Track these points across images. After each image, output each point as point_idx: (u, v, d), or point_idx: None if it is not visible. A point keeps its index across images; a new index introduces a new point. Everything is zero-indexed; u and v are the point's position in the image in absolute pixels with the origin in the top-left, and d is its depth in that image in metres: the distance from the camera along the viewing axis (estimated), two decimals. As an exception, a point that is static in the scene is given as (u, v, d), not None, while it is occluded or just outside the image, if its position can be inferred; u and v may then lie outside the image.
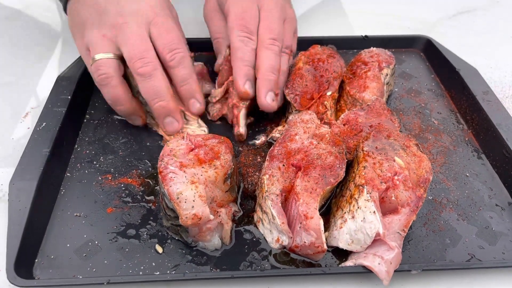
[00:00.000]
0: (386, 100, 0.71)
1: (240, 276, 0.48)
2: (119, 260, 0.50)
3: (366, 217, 0.48)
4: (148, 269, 0.49)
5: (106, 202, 0.56)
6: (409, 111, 0.73)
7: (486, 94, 0.70)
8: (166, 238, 0.52)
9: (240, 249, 0.52)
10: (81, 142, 0.64)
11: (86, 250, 0.51)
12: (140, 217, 0.55)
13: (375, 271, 0.46)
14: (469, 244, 0.53)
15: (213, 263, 0.50)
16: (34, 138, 0.59)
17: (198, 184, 0.48)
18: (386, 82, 0.69)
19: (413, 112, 0.72)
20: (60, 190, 0.57)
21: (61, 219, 0.54)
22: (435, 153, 0.65)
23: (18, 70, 0.81)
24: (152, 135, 0.66)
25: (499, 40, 0.93)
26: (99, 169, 0.60)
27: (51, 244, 0.51)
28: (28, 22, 0.95)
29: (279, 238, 0.50)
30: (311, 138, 0.57)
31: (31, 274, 0.48)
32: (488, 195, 0.59)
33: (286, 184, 0.52)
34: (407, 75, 0.81)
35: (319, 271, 0.48)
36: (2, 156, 0.64)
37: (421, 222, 0.56)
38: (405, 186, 0.50)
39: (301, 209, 0.48)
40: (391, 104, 0.74)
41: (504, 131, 0.63)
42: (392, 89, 0.76)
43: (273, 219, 0.49)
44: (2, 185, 0.60)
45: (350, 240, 0.49)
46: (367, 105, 0.64)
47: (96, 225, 0.53)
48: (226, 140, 0.55)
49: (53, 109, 0.64)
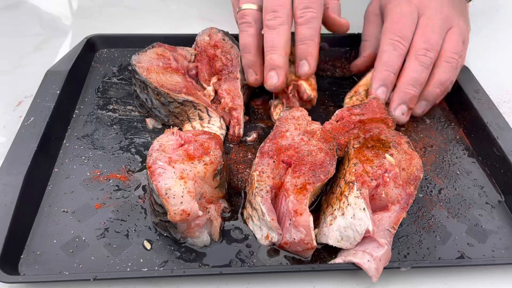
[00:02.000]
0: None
1: (229, 273, 0.48)
2: (107, 256, 0.49)
3: (356, 214, 0.47)
4: (136, 266, 0.49)
5: (94, 198, 0.56)
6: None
7: (477, 93, 0.70)
8: (155, 235, 0.52)
9: (229, 245, 0.51)
10: (70, 137, 0.64)
11: (73, 246, 0.50)
12: (128, 213, 0.54)
13: (365, 268, 0.46)
14: (459, 242, 0.53)
15: (202, 260, 0.50)
16: (21, 132, 0.59)
17: (187, 180, 0.48)
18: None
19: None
20: (47, 186, 0.57)
21: (48, 215, 0.53)
22: (426, 151, 0.65)
23: (14, 59, 0.81)
24: (141, 130, 0.66)
25: (498, 45, 0.93)
26: (88, 164, 0.60)
27: (37, 240, 0.51)
28: (30, 12, 0.95)
29: (268, 235, 0.50)
30: (302, 135, 0.56)
31: (17, 270, 0.48)
32: (478, 193, 0.59)
33: (276, 180, 0.52)
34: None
35: (309, 268, 0.48)
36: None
37: (411, 219, 0.55)
38: (396, 184, 0.50)
39: (290, 205, 0.48)
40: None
41: (495, 129, 0.63)
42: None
43: (262, 216, 0.49)
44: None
45: (339, 237, 0.49)
46: (363, 103, 0.64)
47: (84, 221, 0.53)
48: (216, 136, 0.54)
49: (42, 104, 0.63)
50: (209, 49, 0.69)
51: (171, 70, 0.65)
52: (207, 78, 0.69)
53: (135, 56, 0.65)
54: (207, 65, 0.68)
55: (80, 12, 0.98)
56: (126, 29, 0.85)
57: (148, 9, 0.97)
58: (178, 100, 0.62)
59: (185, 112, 0.64)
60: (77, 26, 0.92)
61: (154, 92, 0.62)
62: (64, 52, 0.73)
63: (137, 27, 0.88)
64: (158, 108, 0.64)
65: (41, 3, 0.99)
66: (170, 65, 0.66)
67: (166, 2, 1.00)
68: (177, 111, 0.63)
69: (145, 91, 0.64)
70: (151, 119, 0.67)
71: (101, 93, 0.72)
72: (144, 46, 0.68)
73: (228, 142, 0.65)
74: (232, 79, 0.67)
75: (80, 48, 0.74)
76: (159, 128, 0.66)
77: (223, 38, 0.69)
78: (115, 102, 0.70)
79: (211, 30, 0.70)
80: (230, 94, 0.66)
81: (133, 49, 0.81)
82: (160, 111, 0.64)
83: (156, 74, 0.64)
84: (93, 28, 0.82)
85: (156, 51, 0.67)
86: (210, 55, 0.69)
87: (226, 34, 0.69)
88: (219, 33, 0.69)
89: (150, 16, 0.95)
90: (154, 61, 0.66)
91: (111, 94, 0.72)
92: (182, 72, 0.67)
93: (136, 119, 0.68)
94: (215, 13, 0.94)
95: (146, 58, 0.66)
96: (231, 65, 0.67)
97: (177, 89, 0.63)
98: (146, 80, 0.62)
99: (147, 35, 0.80)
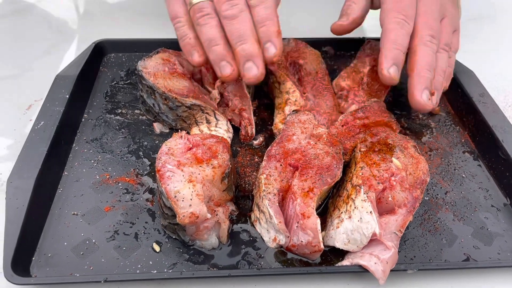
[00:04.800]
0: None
1: (237, 275, 0.48)
2: (116, 258, 0.50)
3: (363, 217, 0.48)
4: (145, 268, 0.49)
5: (104, 201, 0.56)
6: (406, 114, 0.73)
7: (482, 96, 0.70)
8: (163, 237, 0.53)
9: (237, 248, 0.52)
10: (79, 141, 0.64)
11: (83, 249, 0.51)
12: (137, 216, 0.55)
13: (371, 270, 0.47)
14: (465, 244, 0.54)
15: (210, 262, 0.50)
16: (32, 136, 0.59)
17: (195, 183, 0.48)
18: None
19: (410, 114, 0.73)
20: (57, 189, 0.57)
21: (59, 218, 0.54)
22: (432, 154, 0.66)
23: (24, 63, 0.82)
24: (150, 134, 0.66)
25: (504, 49, 0.94)
26: (97, 168, 0.61)
27: (48, 243, 0.51)
28: (39, 17, 0.97)
29: (276, 238, 0.50)
30: (309, 138, 0.57)
31: (28, 272, 0.48)
32: (484, 196, 0.60)
33: (283, 184, 0.52)
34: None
35: (316, 270, 0.48)
36: (4, 146, 0.65)
37: (417, 222, 0.56)
38: (402, 187, 0.51)
39: (298, 208, 0.49)
40: (388, 107, 0.74)
41: (500, 132, 0.64)
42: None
43: (270, 219, 0.50)
44: (1, 174, 0.60)
45: (346, 240, 0.49)
46: (365, 106, 0.64)
47: (94, 224, 0.54)
48: (224, 140, 0.55)
49: (51, 108, 0.64)
50: None
51: (177, 74, 0.66)
52: (211, 81, 0.70)
53: (141, 62, 0.66)
54: (211, 68, 0.69)
55: (88, 17, 0.99)
56: (134, 34, 0.86)
57: (155, 13, 0.98)
58: (186, 104, 0.63)
59: (192, 116, 0.64)
60: (85, 31, 0.94)
61: (162, 97, 0.63)
62: (73, 56, 0.74)
63: (145, 31, 0.89)
64: (165, 112, 0.65)
65: (50, 8, 1.00)
66: (176, 69, 0.67)
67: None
68: (184, 115, 0.64)
69: (152, 96, 0.64)
70: (159, 123, 0.67)
71: (109, 97, 0.73)
72: (152, 50, 0.69)
73: (234, 145, 0.65)
74: (237, 81, 0.67)
75: (89, 53, 0.75)
76: (166, 132, 0.67)
77: None
78: (123, 106, 0.71)
79: None
80: (238, 96, 0.67)
81: (140, 53, 0.82)
82: (167, 116, 0.65)
83: (163, 79, 0.64)
84: (101, 33, 0.83)
85: (161, 56, 0.68)
86: None
87: None
88: None
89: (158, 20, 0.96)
90: (160, 66, 0.66)
91: (119, 98, 0.73)
92: (188, 76, 0.68)
93: (144, 123, 0.68)
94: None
95: (152, 63, 0.66)
96: None
97: (185, 93, 0.63)
98: (154, 85, 0.63)
99: (154, 40, 0.81)
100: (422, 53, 0.61)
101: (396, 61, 0.62)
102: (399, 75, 0.63)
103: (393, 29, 0.62)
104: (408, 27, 0.62)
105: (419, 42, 0.62)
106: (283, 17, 0.63)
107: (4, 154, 0.64)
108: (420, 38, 0.62)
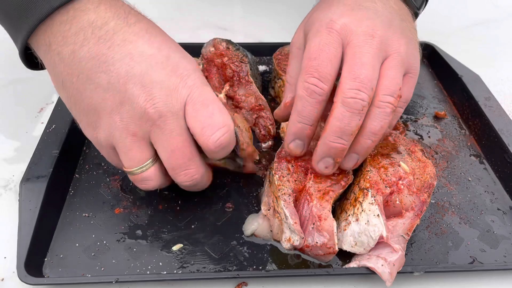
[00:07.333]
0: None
1: (245, 276, 0.49)
2: (127, 259, 0.51)
3: (370, 220, 0.48)
4: (155, 269, 0.50)
5: (114, 203, 0.57)
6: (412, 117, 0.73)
7: (488, 100, 0.71)
8: (174, 239, 0.53)
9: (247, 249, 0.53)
10: (90, 145, 0.65)
11: (94, 250, 0.52)
12: (147, 218, 0.56)
13: (378, 272, 0.47)
14: (471, 247, 0.54)
15: (220, 263, 0.51)
16: (44, 139, 0.61)
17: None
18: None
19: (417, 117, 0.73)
20: (69, 191, 0.58)
21: (70, 219, 0.55)
22: (438, 157, 0.66)
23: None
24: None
25: (510, 53, 0.94)
26: (107, 170, 0.61)
27: (60, 244, 0.52)
28: None
29: (290, 238, 0.51)
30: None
31: (41, 272, 0.49)
32: (490, 199, 0.60)
33: (296, 184, 0.53)
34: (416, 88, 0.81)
35: (323, 272, 0.49)
36: (16, 149, 0.66)
37: (424, 225, 0.56)
38: (410, 191, 0.51)
39: (315, 210, 0.49)
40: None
41: (506, 136, 0.64)
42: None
43: (285, 219, 0.50)
44: (14, 176, 0.61)
45: (353, 242, 0.50)
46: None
47: (105, 225, 0.54)
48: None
49: (63, 111, 0.65)
50: (216, 58, 0.70)
51: None
52: (217, 86, 0.70)
53: None
54: (217, 73, 0.70)
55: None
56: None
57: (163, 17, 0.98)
58: None
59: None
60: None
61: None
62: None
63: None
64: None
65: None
66: None
67: (181, 10, 1.02)
68: None
69: None
70: None
71: (118, 100, 0.73)
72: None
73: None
74: (245, 84, 0.68)
75: (98, 57, 0.76)
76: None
77: (227, 47, 0.70)
78: (132, 109, 0.72)
79: (215, 41, 0.71)
80: (253, 97, 0.67)
81: (149, 57, 0.83)
82: None
83: None
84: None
85: None
86: (218, 64, 0.70)
87: (230, 42, 0.71)
88: (223, 43, 0.70)
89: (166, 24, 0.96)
90: None
91: (128, 101, 0.73)
92: None
93: (153, 126, 0.69)
94: (230, 21, 0.96)
95: None
96: (240, 70, 0.69)
97: None
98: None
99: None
100: (336, 115, 0.48)
101: (298, 136, 0.52)
102: (306, 148, 0.54)
103: (301, 98, 0.50)
104: (320, 93, 0.49)
105: (337, 99, 0.48)
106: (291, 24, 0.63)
107: (16, 156, 0.65)
108: (340, 93, 0.48)
